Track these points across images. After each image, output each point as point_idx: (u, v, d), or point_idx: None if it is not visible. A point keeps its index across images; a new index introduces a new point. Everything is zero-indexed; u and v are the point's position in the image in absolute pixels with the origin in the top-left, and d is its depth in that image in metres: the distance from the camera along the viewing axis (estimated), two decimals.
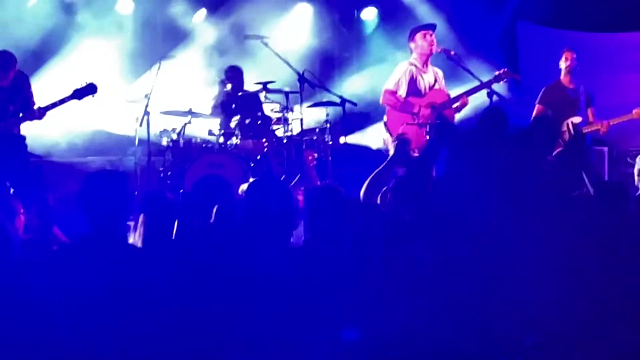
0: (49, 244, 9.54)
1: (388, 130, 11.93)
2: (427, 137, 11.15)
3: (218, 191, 6.63)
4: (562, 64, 12.90)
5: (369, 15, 17.24)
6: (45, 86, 13.58)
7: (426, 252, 6.18)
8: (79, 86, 10.26)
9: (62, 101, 10.20)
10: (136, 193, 12.16)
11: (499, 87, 12.31)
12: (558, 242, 6.28)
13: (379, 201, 7.66)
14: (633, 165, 12.86)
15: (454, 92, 12.30)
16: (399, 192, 7.15)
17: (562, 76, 12.87)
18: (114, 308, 5.06)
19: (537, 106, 12.79)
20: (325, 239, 5.92)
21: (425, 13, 16.36)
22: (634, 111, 12.64)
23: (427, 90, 11.88)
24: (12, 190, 10.17)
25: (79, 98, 10.25)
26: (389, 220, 6.44)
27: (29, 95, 10.30)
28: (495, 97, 11.79)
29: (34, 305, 5.05)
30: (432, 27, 12.17)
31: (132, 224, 6.49)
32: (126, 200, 5.44)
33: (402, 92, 11.86)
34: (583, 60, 13.28)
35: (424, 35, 11.90)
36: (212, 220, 6.34)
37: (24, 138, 10.28)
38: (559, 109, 12.55)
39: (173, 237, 6.36)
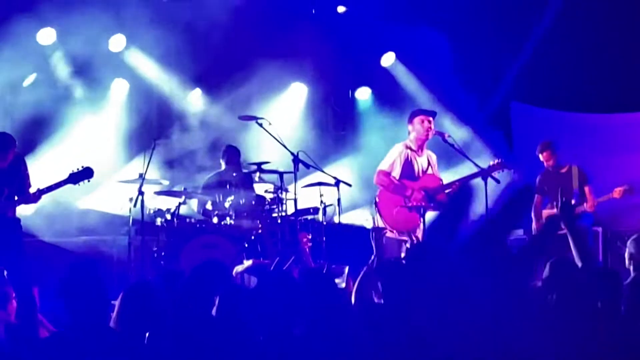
0: (34, 332, 9.44)
1: (379, 211, 11.90)
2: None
3: (218, 278, 6.57)
4: (545, 162, 13.16)
5: (364, 94, 17.36)
6: (40, 166, 13.63)
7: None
8: (75, 170, 10.26)
9: (58, 185, 10.21)
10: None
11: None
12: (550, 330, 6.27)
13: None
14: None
15: (447, 175, 12.33)
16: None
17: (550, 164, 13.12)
18: None
19: (535, 196, 13.01)
20: (323, 325, 5.93)
21: (420, 94, 16.48)
22: (615, 190, 12.82)
23: (421, 173, 11.88)
24: (5, 273, 10.10)
25: (75, 182, 10.26)
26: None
27: (25, 178, 10.28)
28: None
29: None
30: (432, 113, 12.19)
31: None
32: (103, 290, 5.44)
33: (396, 173, 11.85)
34: (577, 140, 13.37)
35: (423, 121, 11.91)
36: (214, 312, 6.32)
37: (18, 221, 10.25)
38: (554, 193, 12.78)
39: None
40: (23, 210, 10.30)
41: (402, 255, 11.37)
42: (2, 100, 14.60)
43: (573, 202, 12.68)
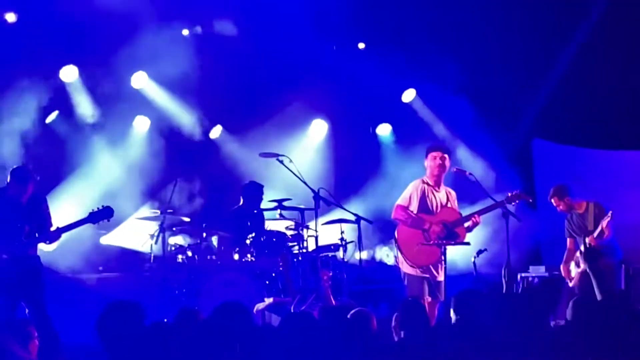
0: None
1: (398, 246, 11.81)
2: None
3: (239, 319, 6.54)
4: (557, 208, 13.15)
5: (384, 131, 17.36)
6: (61, 202, 13.69)
7: None
8: (95, 209, 10.27)
9: (78, 224, 10.20)
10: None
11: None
12: None
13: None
14: None
15: (468, 212, 12.27)
16: None
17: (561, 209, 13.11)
18: None
19: (567, 240, 13.08)
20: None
21: (441, 130, 16.48)
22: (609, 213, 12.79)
23: (439, 208, 11.79)
24: (26, 311, 10.11)
25: (95, 222, 10.25)
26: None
27: (46, 216, 10.32)
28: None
29: None
30: (442, 148, 12.13)
31: None
32: (140, 332, 5.41)
33: (414, 208, 11.77)
34: (598, 176, 13.31)
35: (435, 157, 11.84)
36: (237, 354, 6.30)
37: (38, 258, 10.27)
38: (578, 235, 12.78)
39: None
40: (44, 248, 10.32)
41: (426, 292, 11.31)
42: (25, 136, 14.65)
43: (592, 242, 12.64)
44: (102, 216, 10.23)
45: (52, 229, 10.13)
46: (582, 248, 12.71)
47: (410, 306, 7.76)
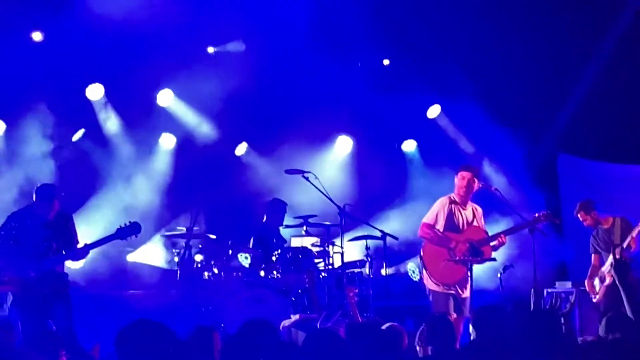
0: None
1: (424, 264, 11.82)
2: None
3: (265, 336, 6.53)
4: (583, 222, 13.09)
5: (410, 147, 17.34)
6: (89, 219, 13.75)
7: None
8: (122, 225, 10.31)
9: (106, 240, 10.24)
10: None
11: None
12: None
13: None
14: None
15: (493, 227, 12.25)
16: None
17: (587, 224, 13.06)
18: None
19: (592, 256, 12.98)
20: None
21: (466, 146, 16.45)
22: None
23: (465, 226, 11.79)
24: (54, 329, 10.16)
25: (123, 238, 10.28)
26: None
27: (73, 234, 10.37)
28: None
29: None
30: (471, 169, 12.13)
31: None
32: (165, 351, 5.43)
33: (440, 226, 11.76)
34: (625, 191, 13.24)
35: (462, 177, 11.86)
36: None
37: (66, 276, 10.33)
38: (603, 250, 12.73)
39: None
40: (72, 265, 10.37)
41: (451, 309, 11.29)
42: (52, 155, 14.73)
43: (620, 255, 12.58)
44: (130, 232, 10.26)
45: (79, 245, 10.18)
46: (609, 262, 12.64)
47: (437, 322, 7.75)
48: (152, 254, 15.32)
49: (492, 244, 11.62)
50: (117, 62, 14.87)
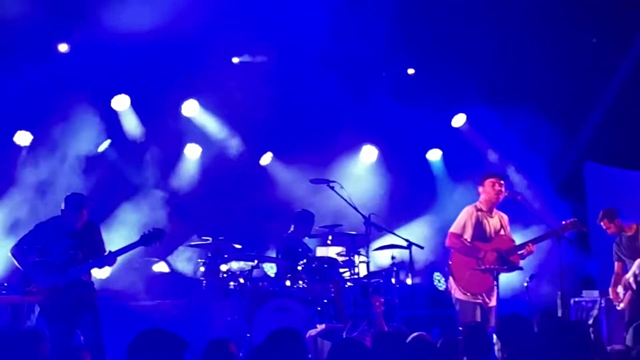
0: None
1: (452, 273, 11.83)
2: None
3: (291, 346, 6.51)
4: (606, 230, 13.06)
5: (435, 156, 17.30)
6: (114, 230, 13.79)
7: None
8: (146, 232, 10.36)
9: (131, 247, 10.30)
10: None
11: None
12: None
13: None
14: None
15: (518, 236, 12.22)
16: None
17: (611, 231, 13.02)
18: None
19: (615, 264, 12.89)
20: None
21: (492, 155, 16.39)
22: None
23: (493, 234, 11.78)
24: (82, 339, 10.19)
25: (147, 244, 10.34)
26: None
27: (100, 242, 10.43)
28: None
29: None
30: (503, 176, 12.13)
31: None
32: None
33: (468, 235, 11.77)
34: None
35: (494, 184, 11.82)
36: None
37: (93, 284, 10.38)
38: (627, 258, 12.67)
39: None
40: (98, 274, 10.41)
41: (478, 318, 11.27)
42: (79, 165, 14.80)
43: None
44: (154, 238, 10.31)
45: (106, 253, 10.23)
46: (634, 269, 12.58)
47: (474, 331, 7.72)
48: (177, 264, 15.35)
49: (519, 252, 11.61)
50: (142, 72, 14.92)
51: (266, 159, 16.64)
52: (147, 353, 5.50)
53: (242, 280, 13.35)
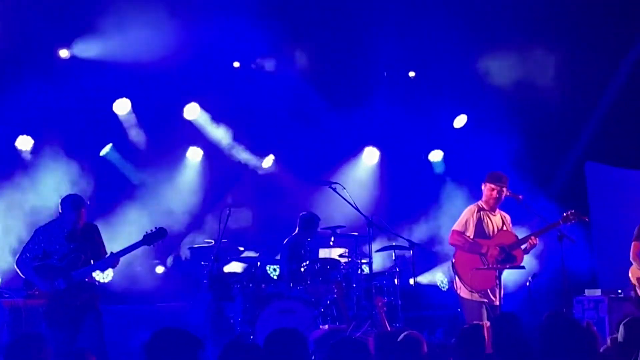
0: None
1: (456, 271, 11.84)
2: None
3: (293, 347, 6.52)
4: None
5: (436, 157, 17.32)
6: (115, 234, 13.80)
7: None
8: (149, 231, 10.36)
9: (133, 247, 10.29)
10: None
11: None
12: None
13: None
14: None
15: (521, 235, 12.22)
16: None
17: None
18: None
19: (633, 243, 12.66)
20: None
21: (493, 156, 16.40)
22: None
23: (495, 232, 11.81)
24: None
25: (150, 244, 10.34)
26: None
27: (100, 244, 10.42)
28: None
29: None
30: (500, 178, 12.14)
31: None
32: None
33: (470, 233, 11.79)
34: None
35: (492, 189, 11.87)
36: None
37: (95, 286, 10.39)
38: None
39: None
40: (101, 277, 10.42)
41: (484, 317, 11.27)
42: (80, 170, 14.83)
43: None
44: (157, 237, 10.31)
45: (108, 254, 10.23)
46: None
47: (468, 333, 7.71)
48: (180, 266, 15.37)
49: (523, 246, 11.63)
50: (144, 76, 14.95)
51: (268, 161, 16.66)
52: (164, 351, 5.51)
53: (244, 282, 13.37)
